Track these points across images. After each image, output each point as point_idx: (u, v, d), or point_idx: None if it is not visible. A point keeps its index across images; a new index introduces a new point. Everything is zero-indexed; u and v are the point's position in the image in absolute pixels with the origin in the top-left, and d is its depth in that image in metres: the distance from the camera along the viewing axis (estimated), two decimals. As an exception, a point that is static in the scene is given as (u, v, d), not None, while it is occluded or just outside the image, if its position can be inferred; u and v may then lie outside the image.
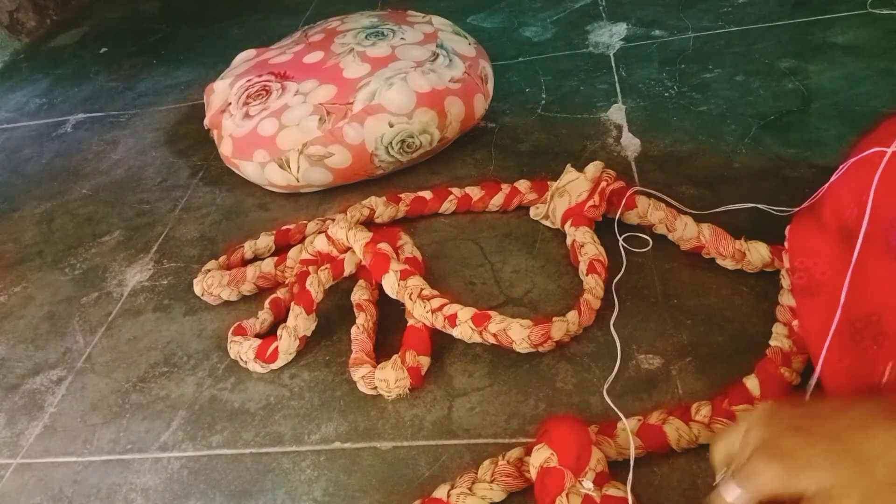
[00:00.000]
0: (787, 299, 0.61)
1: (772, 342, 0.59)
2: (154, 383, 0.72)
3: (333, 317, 0.73)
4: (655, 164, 0.82)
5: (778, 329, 0.59)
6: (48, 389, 0.75)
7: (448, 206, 0.83)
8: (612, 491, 0.51)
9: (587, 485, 0.51)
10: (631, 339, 0.64)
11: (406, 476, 0.58)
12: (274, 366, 0.69)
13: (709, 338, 0.62)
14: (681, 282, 0.68)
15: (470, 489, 0.54)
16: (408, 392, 0.63)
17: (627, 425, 0.54)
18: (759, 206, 0.70)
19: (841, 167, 0.55)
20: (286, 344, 0.68)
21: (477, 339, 0.63)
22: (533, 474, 0.52)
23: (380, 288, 0.72)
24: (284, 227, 0.83)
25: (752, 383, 0.56)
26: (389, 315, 0.71)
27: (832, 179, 0.55)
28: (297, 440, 0.63)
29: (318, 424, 0.64)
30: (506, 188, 0.81)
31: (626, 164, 0.83)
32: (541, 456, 0.52)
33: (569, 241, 0.72)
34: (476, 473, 0.55)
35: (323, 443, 0.62)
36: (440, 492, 0.54)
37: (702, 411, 0.54)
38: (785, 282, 0.62)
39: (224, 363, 0.72)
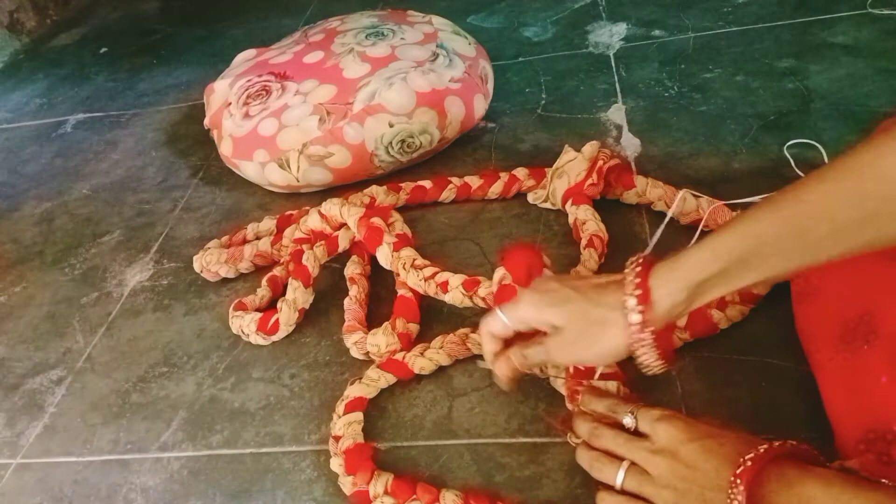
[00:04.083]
0: None
1: None
2: (154, 383, 0.72)
3: (334, 318, 0.73)
4: (655, 164, 0.82)
5: None
6: (48, 389, 0.75)
7: (448, 194, 0.83)
8: None
9: None
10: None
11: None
12: (275, 337, 0.71)
13: (709, 338, 0.62)
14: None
15: (422, 354, 0.64)
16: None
17: None
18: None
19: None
20: (286, 316, 0.70)
21: (468, 303, 0.66)
22: (494, 288, 0.63)
23: (371, 263, 0.75)
24: (287, 213, 0.85)
25: None
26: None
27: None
28: (297, 440, 0.63)
29: (318, 424, 0.64)
30: (504, 176, 0.82)
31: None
32: (498, 274, 0.63)
33: (571, 219, 0.74)
34: (429, 343, 0.65)
35: (323, 443, 0.62)
36: (398, 356, 0.64)
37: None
38: None
39: (224, 363, 0.72)
